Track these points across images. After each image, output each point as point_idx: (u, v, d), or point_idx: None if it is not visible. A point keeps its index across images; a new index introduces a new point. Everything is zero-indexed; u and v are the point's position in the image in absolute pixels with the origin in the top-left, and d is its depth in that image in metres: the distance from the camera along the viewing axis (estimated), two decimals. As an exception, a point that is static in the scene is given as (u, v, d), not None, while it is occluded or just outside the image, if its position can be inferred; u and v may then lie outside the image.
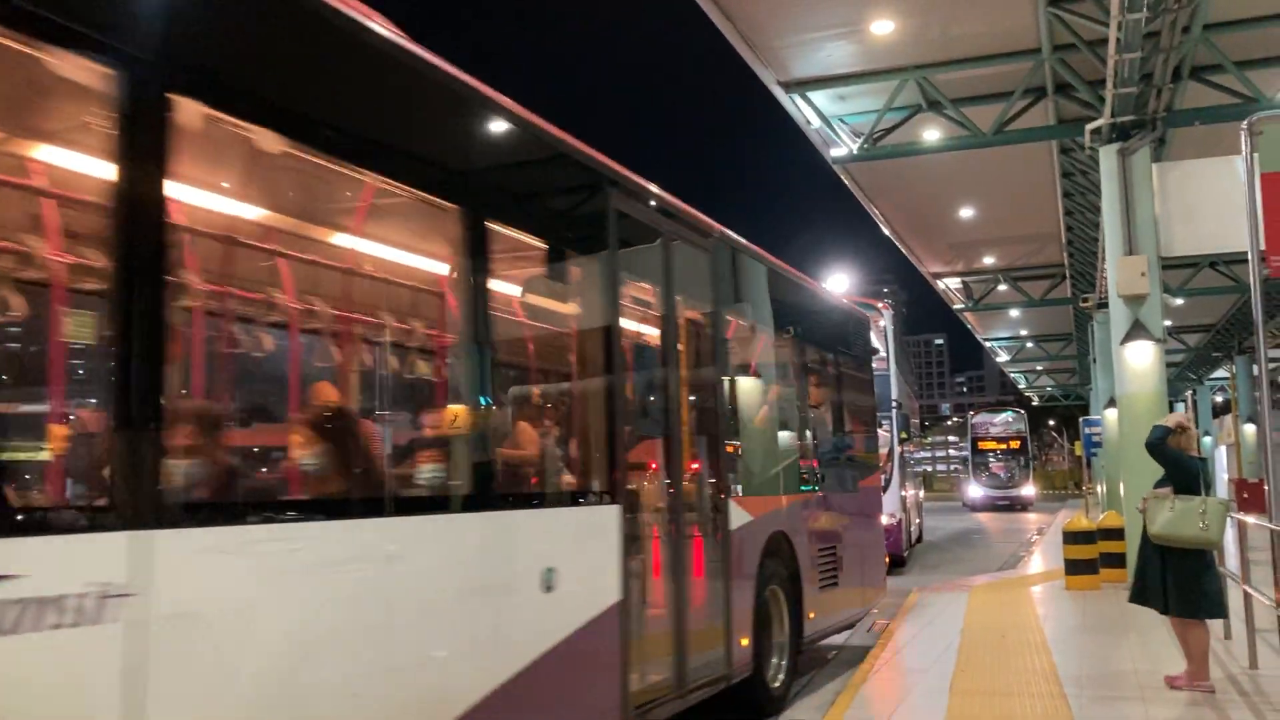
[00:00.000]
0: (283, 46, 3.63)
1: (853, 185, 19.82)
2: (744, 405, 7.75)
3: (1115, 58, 12.12)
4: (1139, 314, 13.64)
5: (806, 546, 8.33)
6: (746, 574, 7.08)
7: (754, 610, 7.08)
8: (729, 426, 7.23)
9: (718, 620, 6.65)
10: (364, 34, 3.92)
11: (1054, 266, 28.02)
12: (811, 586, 8.34)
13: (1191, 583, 7.17)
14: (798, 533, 8.14)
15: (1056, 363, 47.87)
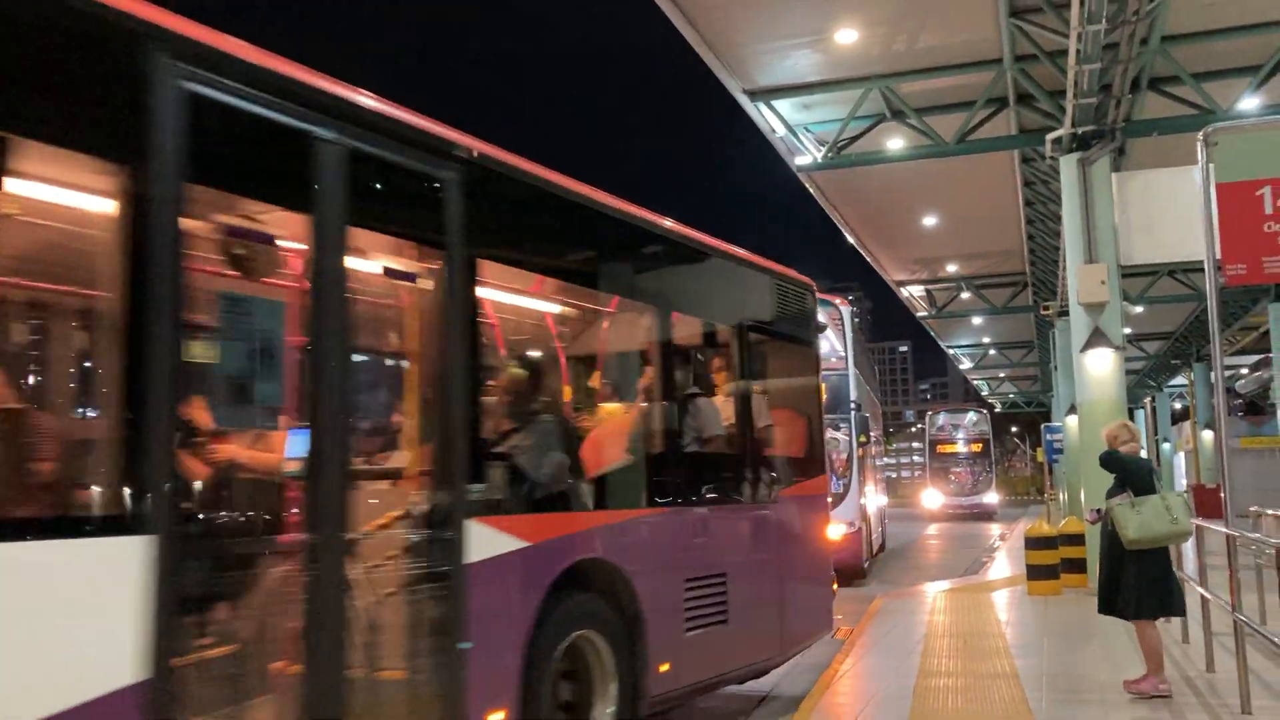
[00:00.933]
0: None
1: (817, 193, 19.95)
2: (517, 383, 5.69)
3: (1075, 68, 12.28)
4: (1099, 322, 13.81)
5: (659, 578, 6.10)
6: (507, 625, 4.88)
7: (523, 673, 4.92)
8: (465, 412, 4.74)
9: (429, 694, 4.48)
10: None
11: (1016, 274, 28.33)
12: (669, 630, 6.09)
13: (1158, 584, 7.27)
14: (641, 560, 5.93)
15: (1019, 370, 48.39)
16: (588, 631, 5.52)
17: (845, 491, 16.74)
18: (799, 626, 7.93)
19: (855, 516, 16.79)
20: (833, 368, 16.88)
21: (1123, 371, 13.97)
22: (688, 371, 7.02)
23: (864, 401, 18.85)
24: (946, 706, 7.18)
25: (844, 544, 16.05)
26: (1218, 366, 7.11)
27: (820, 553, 8.63)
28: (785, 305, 8.30)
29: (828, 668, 8.85)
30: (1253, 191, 6.59)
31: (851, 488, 16.93)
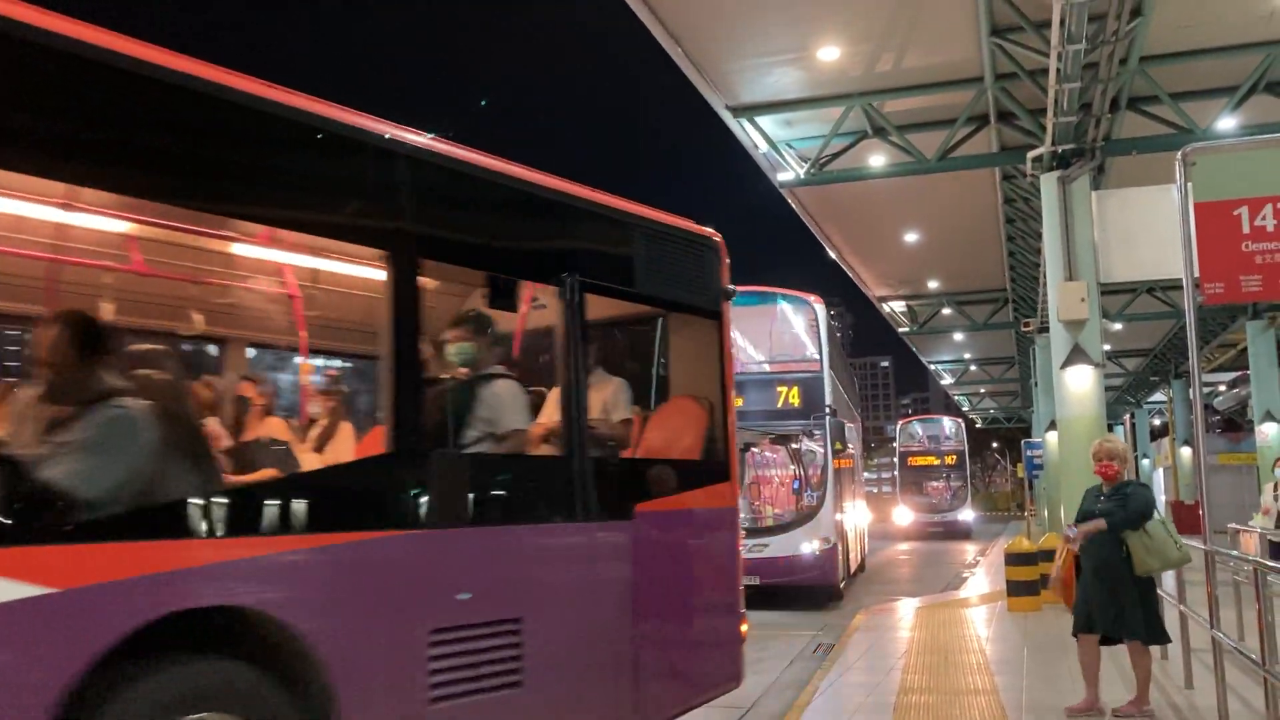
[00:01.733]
0: None
1: (800, 209, 20.04)
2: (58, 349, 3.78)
3: (1056, 87, 12.39)
4: (1079, 339, 13.90)
5: (371, 632, 4.15)
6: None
7: None
8: None
9: None
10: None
11: (997, 291, 28.50)
12: (391, 706, 4.20)
13: (1155, 609, 7.25)
14: (326, 609, 3.98)
15: (999, 385, 48.61)
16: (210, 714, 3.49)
17: (819, 505, 16.08)
18: (673, 685, 5.93)
19: (831, 532, 15.93)
20: (806, 369, 16.53)
21: (1102, 388, 14.06)
22: (477, 343, 5.43)
23: (840, 407, 17.86)
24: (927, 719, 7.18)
25: (817, 562, 15.65)
26: (1196, 384, 7.15)
27: (719, 585, 6.48)
28: (663, 261, 6.26)
29: (807, 684, 8.84)
30: (1230, 211, 6.64)
31: (826, 501, 16.05)
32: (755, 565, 14.59)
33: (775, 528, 16.36)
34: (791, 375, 16.58)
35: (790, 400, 16.21)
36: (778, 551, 15.56)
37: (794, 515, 16.78)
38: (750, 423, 15.70)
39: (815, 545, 15.65)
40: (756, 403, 16.00)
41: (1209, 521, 6.96)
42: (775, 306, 17.11)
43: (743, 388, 13.96)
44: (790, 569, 15.52)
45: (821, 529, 15.83)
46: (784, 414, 16.31)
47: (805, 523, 16.03)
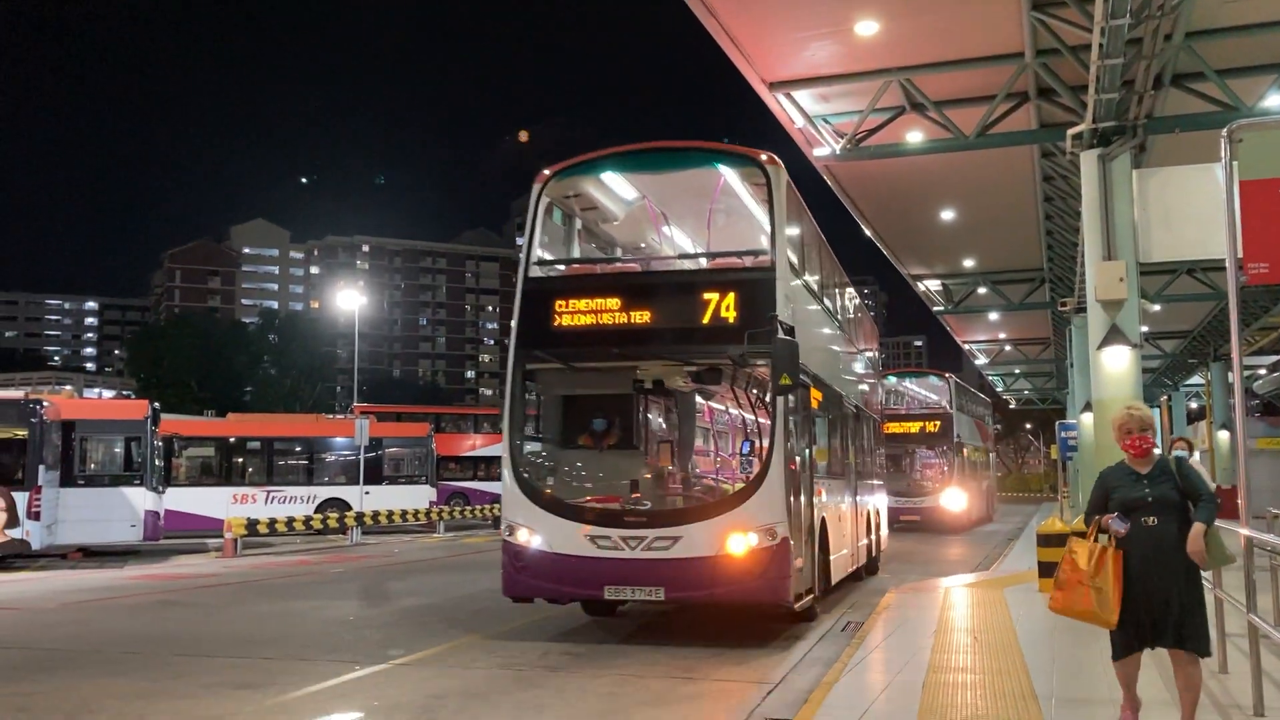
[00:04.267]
0: None
1: (835, 186, 19.89)
2: None
3: (1098, 63, 12.18)
4: (1116, 319, 13.72)
5: None
6: None
7: None
8: None
9: None
10: None
11: (1033, 270, 28.21)
12: None
13: (1203, 613, 6.04)
14: None
15: (1034, 366, 48.19)
16: None
17: (759, 477, 10.15)
18: None
19: (778, 519, 10.04)
20: (754, 265, 10.87)
21: (1139, 369, 13.89)
22: None
23: (808, 321, 12.21)
24: (956, 702, 7.15)
25: (754, 567, 9.93)
26: (1237, 366, 7.04)
27: None
28: None
29: (837, 661, 8.82)
30: (1276, 189, 6.51)
31: (772, 470, 10.09)
32: (656, 571, 9.94)
33: (685, 513, 10.60)
34: (727, 277, 10.80)
35: (721, 312, 10.32)
36: (690, 549, 9.96)
37: (717, 493, 11.91)
38: (643, 348, 10.71)
39: (751, 540, 9.94)
40: (664, 315, 10.62)
41: (1248, 506, 6.86)
42: (712, 172, 11.76)
43: (634, 291, 10.76)
44: (709, 578, 9.96)
45: (761, 514, 10.02)
46: (705, 334, 10.47)
47: (735, 505, 10.19)
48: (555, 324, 10.67)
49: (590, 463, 11.98)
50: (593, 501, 11.10)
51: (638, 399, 11.63)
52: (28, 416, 20.36)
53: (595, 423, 11.61)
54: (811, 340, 12.24)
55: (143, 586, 16.89)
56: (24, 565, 20.30)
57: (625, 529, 10.08)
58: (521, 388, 10.89)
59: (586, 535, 10.13)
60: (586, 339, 10.64)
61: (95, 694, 8.32)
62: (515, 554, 10.38)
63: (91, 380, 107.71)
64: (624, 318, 10.51)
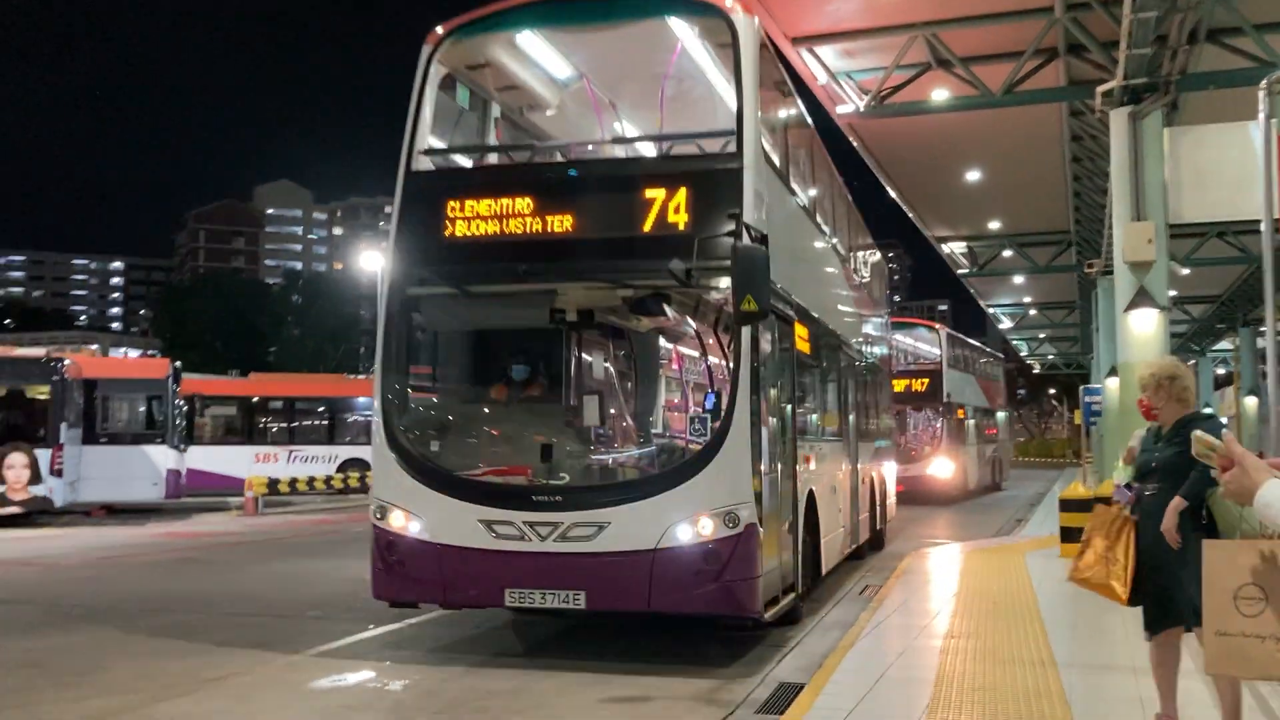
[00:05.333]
0: None
1: (859, 144, 19.57)
2: None
3: (1130, 17, 11.83)
4: (1144, 281, 13.43)
5: None
6: None
7: None
8: None
9: None
10: None
11: (1060, 233, 27.81)
12: None
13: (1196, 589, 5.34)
14: None
15: (1059, 330, 47.71)
16: None
17: (715, 444, 7.41)
18: None
19: (740, 497, 7.31)
20: (714, 152, 8.05)
21: (1167, 333, 13.62)
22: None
23: (792, 234, 9.46)
24: (972, 669, 7.04)
25: (709, 566, 7.19)
26: (1271, 331, 6.85)
27: None
28: None
29: (854, 624, 8.73)
30: (1315, 144, 6.28)
31: (732, 435, 7.34)
32: (574, 570, 7.39)
33: (615, 491, 7.92)
34: (676, 168, 8.25)
35: (668, 215, 7.60)
36: (620, 540, 7.31)
37: (656, 462, 8.63)
38: (563, 267, 7.96)
39: (704, 528, 7.23)
40: (592, 222, 7.93)
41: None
42: (664, 32, 8.86)
43: (551, 189, 8.04)
44: (646, 581, 7.27)
45: (718, 491, 7.30)
46: (646, 246, 7.72)
47: (683, 480, 7.45)
48: (446, 235, 7.99)
49: (494, 422, 9.26)
50: (490, 474, 8.27)
51: (558, 336, 9.00)
52: (49, 375, 20.45)
53: (515, 369, 9.09)
54: (796, 261, 9.68)
55: (163, 544, 16.99)
56: (48, 522, 20.47)
57: (532, 511, 7.38)
58: (402, 322, 8.27)
59: (481, 520, 7.46)
60: (487, 254, 7.95)
61: (109, 651, 8.33)
62: (387, 544, 7.77)
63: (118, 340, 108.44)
64: (538, 225, 7.77)
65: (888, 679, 6.87)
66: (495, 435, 9.30)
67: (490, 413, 9.26)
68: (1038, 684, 6.58)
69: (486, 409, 9.26)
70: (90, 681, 7.36)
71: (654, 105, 9.29)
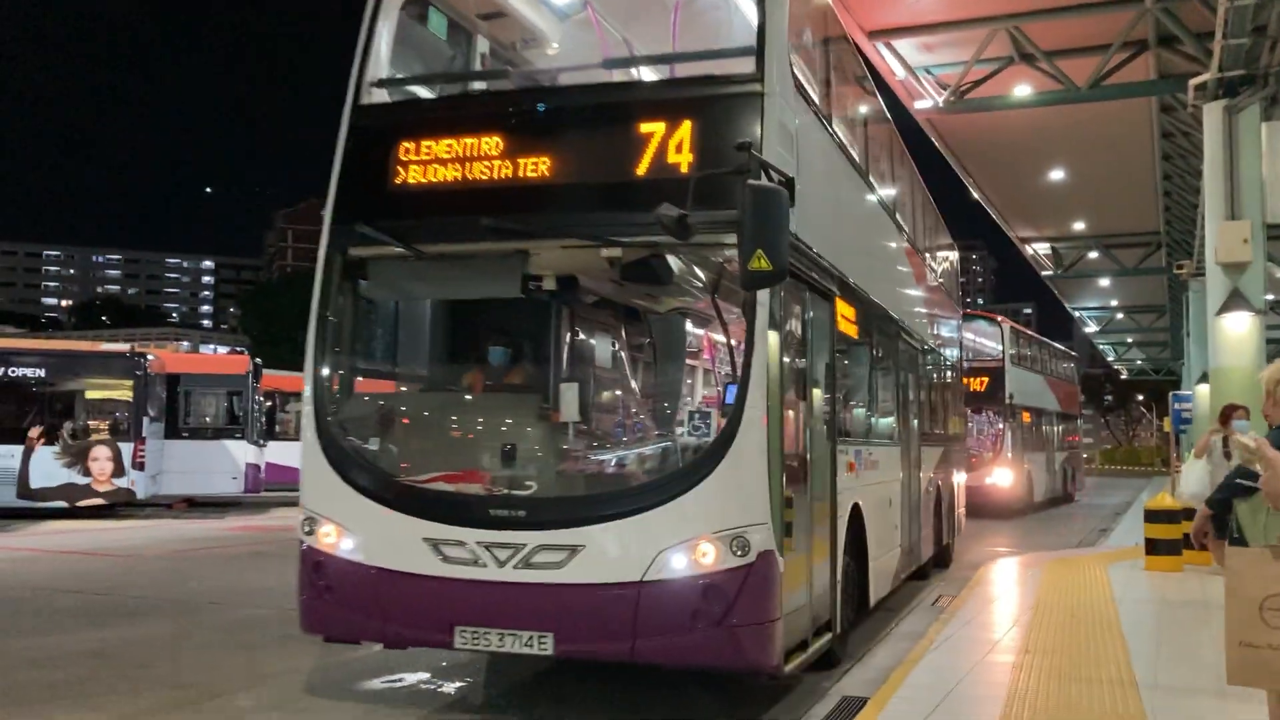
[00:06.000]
0: None
1: (938, 141, 19.13)
2: None
3: (1227, 5, 11.32)
4: (1238, 283, 12.90)
5: None
6: None
7: None
8: None
9: None
10: None
11: (1149, 234, 26.98)
12: None
13: None
14: None
15: (1147, 335, 46.38)
16: None
17: (719, 447, 5.85)
18: None
19: (752, 516, 5.75)
20: (728, 75, 6.37)
21: (1262, 338, 13.05)
22: None
23: (831, 184, 7.97)
24: (1045, 688, 6.70)
25: (702, 601, 5.69)
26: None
27: None
28: None
29: (923, 636, 8.41)
30: None
31: (742, 436, 5.77)
32: (540, 604, 5.87)
33: (591, 505, 6.21)
34: (681, 94, 6.61)
35: (669, 155, 6.01)
36: (596, 570, 5.84)
37: (646, 469, 6.76)
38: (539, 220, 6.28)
39: (704, 555, 5.72)
40: (575, 164, 6.36)
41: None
42: None
43: (525, 125, 6.40)
44: (630, 621, 5.74)
45: (724, 508, 5.80)
46: (642, 194, 5.93)
47: (678, 492, 5.86)
48: (397, 182, 6.46)
49: (450, 415, 7.59)
50: (440, 481, 6.58)
51: (533, 310, 7.38)
52: (133, 370, 20.92)
53: (478, 351, 7.64)
54: (839, 224, 8.15)
55: (239, 538, 17.24)
56: (130, 514, 20.94)
57: (489, 529, 5.91)
58: (342, 290, 6.71)
59: (426, 538, 6.01)
60: (445, 206, 6.41)
61: (174, 643, 8.40)
62: (315, 566, 6.34)
63: (208, 336, 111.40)
64: (507, 169, 6.22)
65: (956, 695, 6.57)
66: (451, 432, 7.50)
67: (446, 404, 7.64)
68: (1116, 706, 6.22)
69: (442, 400, 7.73)
70: (150, 674, 7.40)
71: (667, 29, 7.62)
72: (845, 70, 9.12)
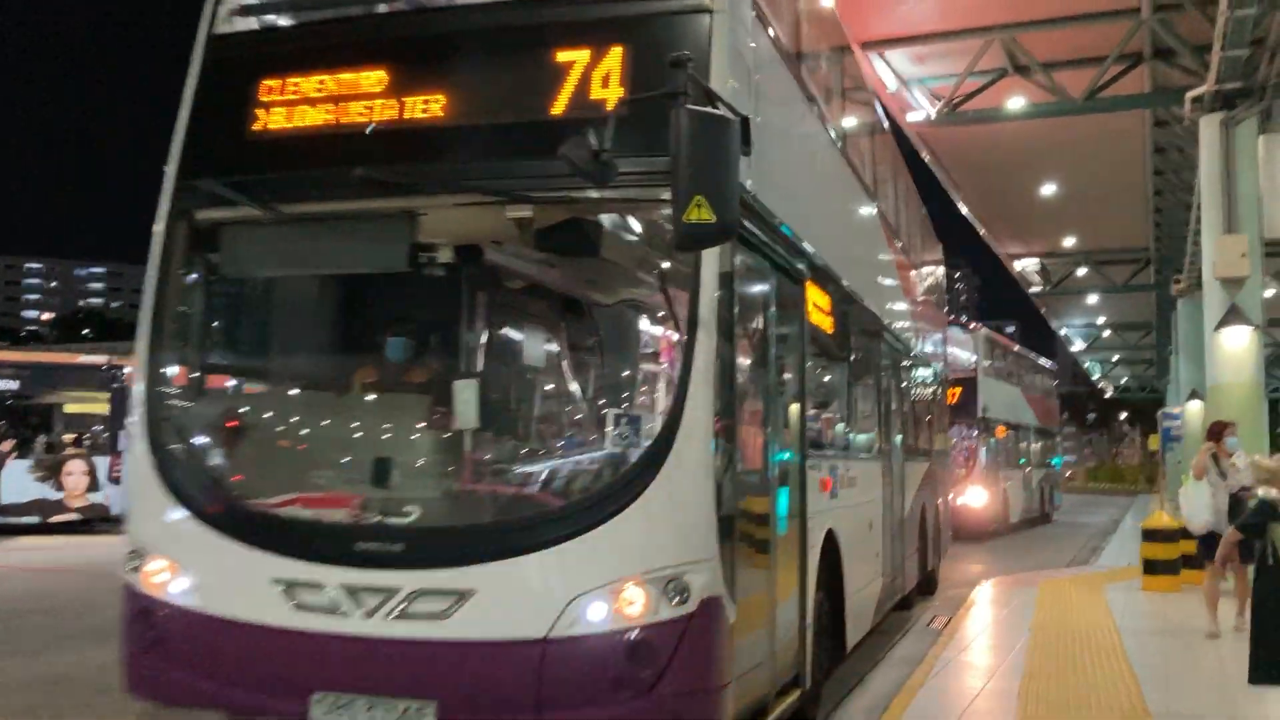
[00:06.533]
0: None
1: (929, 155, 18.95)
2: None
3: (1226, 14, 11.14)
4: (1236, 298, 12.68)
5: None
6: None
7: None
8: None
9: None
10: None
11: (1138, 250, 26.95)
12: None
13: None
14: None
15: (1132, 354, 46.38)
16: None
17: (649, 461, 4.51)
18: None
19: (693, 553, 4.44)
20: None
21: (1261, 353, 12.85)
22: None
23: (798, 144, 6.88)
24: (1058, 717, 6.40)
25: (629, 663, 4.34)
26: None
27: None
28: None
29: (921, 661, 8.11)
30: None
31: (679, 446, 4.43)
32: (418, 665, 4.52)
33: (485, 538, 4.82)
34: (608, 12, 4.96)
35: (592, 89, 4.70)
36: (489, 623, 4.45)
37: (557, 491, 5.25)
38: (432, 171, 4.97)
39: (632, 604, 4.38)
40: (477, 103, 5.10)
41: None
42: None
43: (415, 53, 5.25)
44: (534, 688, 4.37)
45: (655, 543, 4.45)
46: (552, 138, 4.38)
47: (595, 521, 4.47)
48: (255, 128, 5.17)
49: (317, 422, 6.09)
50: (298, 505, 5.21)
51: (426, 287, 5.69)
52: (109, 382, 20.49)
53: (355, 342, 6.30)
54: (812, 197, 7.11)
55: (213, 554, 16.79)
56: (106, 530, 20.47)
57: (355, 567, 4.64)
58: (184, 264, 5.38)
59: (275, 579, 4.70)
60: (313, 155, 5.11)
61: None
62: (143, 612, 5.03)
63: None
64: (391, 109, 4.95)
65: (962, 725, 6.26)
66: (318, 442, 5.95)
67: (313, 408, 6.21)
68: (1132, 736, 5.93)
69: (308, 402, 6.27)
70: (113, 698, 7.02)
71: None
72: (823, 29, 8.15)
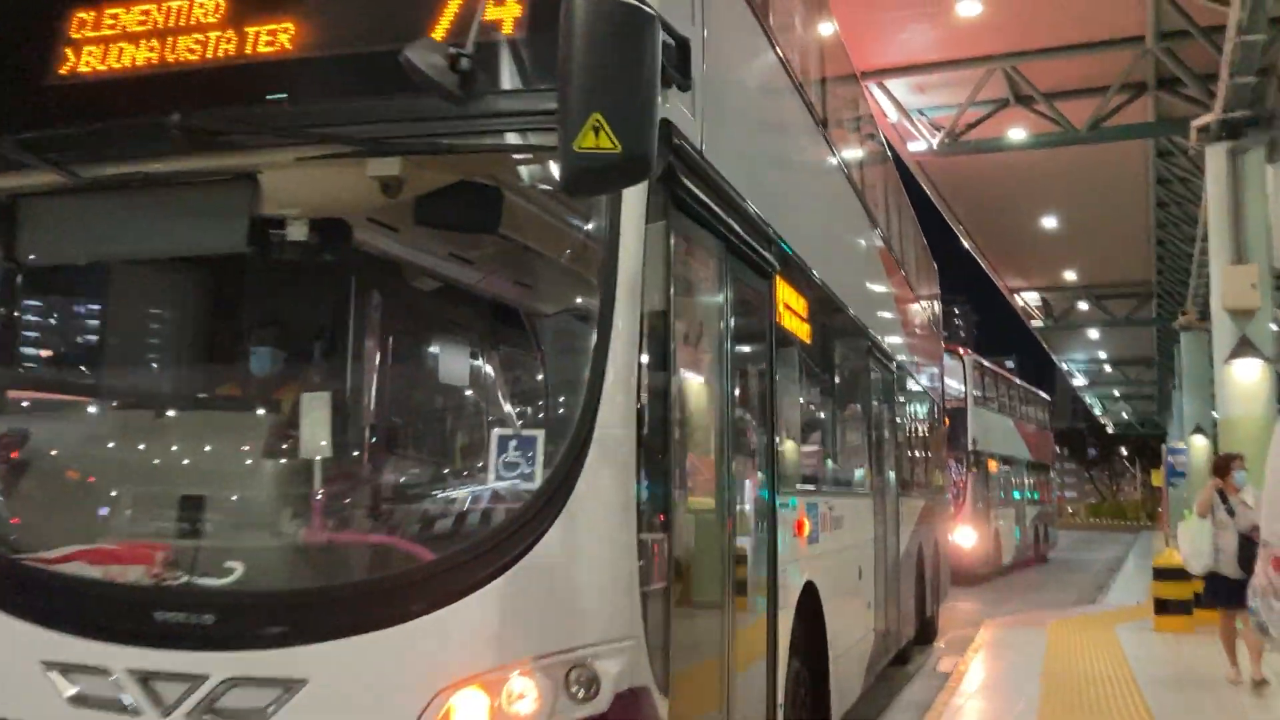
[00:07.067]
0: None
1: (929, 186, 18.74)
2: None
3: (1234, 40, 10.93)
4: (1246, 329, 12.39)
5: None
6: None
7: None
8: None
9: None
10: None
11: (1139, 284, 26.74)
12: None
13: None
14: None
15: (1133, 389, 46.16)
16: None
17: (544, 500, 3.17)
18: None
19: (608, 636, 3.13)
20: None
21: (1273, 386, 12.52)
22: None
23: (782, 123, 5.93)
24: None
25: None
26: None
27: None
28: None
29: (929, 708, 7.72)
30: None
31: (586, 477, 3.12)
32: None
33: (330, 603, 3.31)
34: None
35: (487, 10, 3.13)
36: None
37: (420, 540, 3.67)
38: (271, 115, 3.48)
39: (521, 699, 3.01)
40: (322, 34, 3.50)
41: None
42: None
43: None
44: None
45: (555, 615, 3.14)
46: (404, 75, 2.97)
47: (472, 584, 3.09)
48: (44, 71, 3.71)
49: (120, 451, 4.44)
50: (78, 560, 3.65)
51: (266, 274, 4.31)
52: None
53: (172, 345, 4.95)
54: (776, 166, 5.67)
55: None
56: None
57: (151, 645, 3.30)
58: None
59: (44, 663, 3.38)
60: (117, 102, 3.63)
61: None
62: None
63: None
64: (213, 41, 3.51)
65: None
66: (114, 476, 4.28)
67: (113, 431, 4.59)
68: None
69: (108, 423, 4.64)
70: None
71: None
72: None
